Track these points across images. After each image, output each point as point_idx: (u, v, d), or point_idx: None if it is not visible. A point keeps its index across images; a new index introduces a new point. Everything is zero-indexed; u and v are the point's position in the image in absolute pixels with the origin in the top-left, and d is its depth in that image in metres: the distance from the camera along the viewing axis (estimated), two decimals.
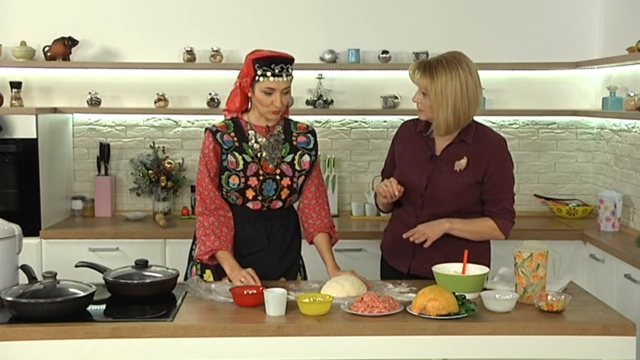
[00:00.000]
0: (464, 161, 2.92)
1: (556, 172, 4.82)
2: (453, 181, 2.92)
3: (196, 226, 2.93)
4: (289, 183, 2.93)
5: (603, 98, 4.37)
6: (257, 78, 2.82)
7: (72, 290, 2.48)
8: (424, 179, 2.95)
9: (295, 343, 2.36)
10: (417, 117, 3.10)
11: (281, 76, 2.82)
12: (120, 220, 4.53)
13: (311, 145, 3.00)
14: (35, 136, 4.15)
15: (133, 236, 4.19)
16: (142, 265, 2.77)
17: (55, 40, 4.49)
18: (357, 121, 4.77)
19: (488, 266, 2.97)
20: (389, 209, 3.15)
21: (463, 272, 2.70)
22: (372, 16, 4.69)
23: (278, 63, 2.82)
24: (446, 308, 2.39)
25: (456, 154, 2.94)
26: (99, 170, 4.67)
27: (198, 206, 2.93)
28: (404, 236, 2.91)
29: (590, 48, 4.69)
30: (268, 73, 2.81)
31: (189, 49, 4.58)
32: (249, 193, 2.89)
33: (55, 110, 4.48)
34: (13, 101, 4.50)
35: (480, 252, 2.97)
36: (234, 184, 2.88)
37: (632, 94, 4.07)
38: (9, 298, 2.39)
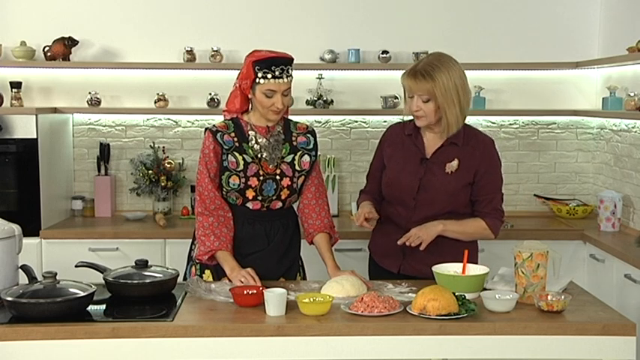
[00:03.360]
0: (455, 163, 2.94)
1: (556, 172, 4.82)
2: (446, 183, 2.93)
3: (196, 227, 2.93)
4: (289, 183, 2.93)
5: (603, 98, 4.37)
6: (257, 80, 2.82)
7: (72, 290, 2.48)
8: (416, 182, 2.96)
9: (295, 343, 2.36)
10: (402, 120, 3.12)
11: (281, 77, 2.82)
12: (120, 220, 4.53)
13: (311, 146, 3.00)
14: (35, 136, 4.15)
15: (133, 236, 4.19)
16: (142, 265, 2.78)
17: (55, 40, 4.49)
18: (357, 121, 4.77)
19: None
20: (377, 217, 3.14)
21: (463, 272, 2.71)
22: (372, 16, 4.69)
23: (278, 65, 2.82)
24: (446, 308, 2.40)
25: (447, 157, 2.96)
26: (99, 170, 4.67)
27: (197, 206, 2.93)
28: (398, 243, 2.91)
29: (590, 48, 4.69)
30: (269, 75, 2.81)
31: (189, 49, 4.58)
32: (250, 194, 2.90)
33: (55, 110, 4.48)
34: (13, 101, 4.50)
35: (472, 255, 3.00)
36: (234, 185, 2.88)
37: (632, 94, 4.07)
38: (9, 298, 2.39)
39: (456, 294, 2.47)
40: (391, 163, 3.05)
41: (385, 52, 4.61)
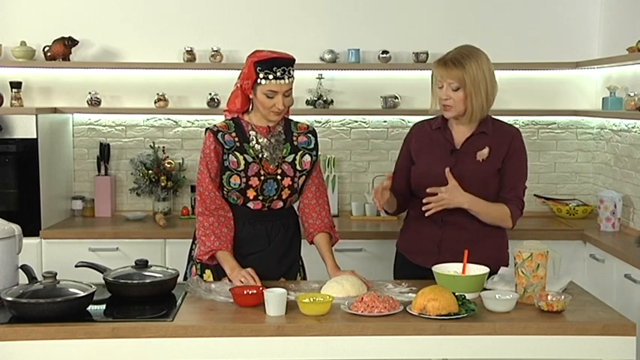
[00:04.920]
0: (486, 150, 2.97)
1: (556, 172, 4.82)
2: (478, 171, 2.94)
3: (196, 226, 2.93)
4: (290, 183, 2.93)
5: (603, 98, 4.37)
6: (259, 81, 2.82)
7: (72, 290, 2.48)
8: None
9: (295, 343, 2.36)
10: (427, 118, 3.14)
11: (283, 78, 2.82)
12: (120, 220, 4.53)
13: (312, 145, 3.00)
14: (35, 136, 4.15)
15: (133, 236, 4.19)
16: (142, 265, 2.77)
17: (55, 40, 4.49)
18: (357, 121, 4.77)
19: (507, 261, 3.02)
20: (394, 209, 3.13)
21: (463, 272, 2.70)
22: (372, 16, 4.69)
23: (280, 65, 2.81)
24: (446, 308, 2.39)
25: (477, 145, 2.98)
26: (99, 170, 4.67)
27: (198, 206, 2.92)
28: (424, 209, 2.89)
29: (590, 48, 4.69)
30: (270, 76, 2.80)
31: (189, 49, 4.58)
32: (250, 193, 2.89)
33: (55, 110, 4.48)
34: (13, 101, 4.50)
35: (502, 245, 3.05)
36: (235, 184, 2.88)
37: (632, 94, 4.07)
38: (9, 298, 2.39)
39: (456, 294, 2.47)
40: (420, 157, 3.06)
41: (385, 52, 4.61)
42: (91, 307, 2.50)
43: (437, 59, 3.01)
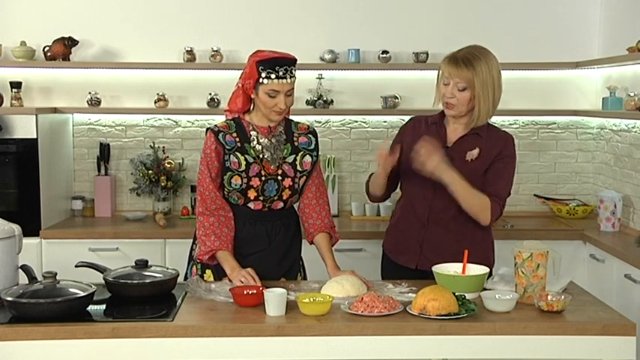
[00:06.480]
0: (476, 151, 2.96)
1: (556, 172, 4.82)
2: (465, 171, 2.91)
3: (196, 226, 2.93)
4: (291, 184, 2.93)
5: (603, 98, 4.37)
6: (261, 80, 2.82)
7: (72, 290, 2.48)
8: None
9: (295, 343, 2.36)
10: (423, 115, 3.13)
11: (285, 78, 2.82)
12: (120, 220, 4.53)
13: (312, 146, 3.00)
14: (35, 136, 4.15)
15: (133, 236, 4.19)
16: (142, 265, 2.77)
17: (55, 40, 4.49)
18: (357, 121, 4.77)
19: (493, 263, 3.01)
20: (382, 190, 3.07)
21: (463, 272, 2.70)
22: (372, 16, 4.69)
23: (282, 65, 2.81)
24: (446, 308, 2.40)
25: (469, 145, 2.97)
26: (99, 170, 4.67)
27: (198, 206, 2.92)
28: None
29: (590, 48, 4.70)
30: (272, 76, 2.80)
31: (189, 49, 4.58)
32: (251, 194, 2.89)
33: (55, 110, 4.48)
34: (13, 101, 4.50)
35: (487, 247, 3.03)
36: (236, 185, 2.88)
37: (632, 94, 4.07)
38: (9, 298, 2.39)
39: (456, 294, 2.47)
40: (411, 152, 3.04)
41: (385, 52, 4.61)
42: (91, 307, 2.50)
43: (447, 56, 2.95)
